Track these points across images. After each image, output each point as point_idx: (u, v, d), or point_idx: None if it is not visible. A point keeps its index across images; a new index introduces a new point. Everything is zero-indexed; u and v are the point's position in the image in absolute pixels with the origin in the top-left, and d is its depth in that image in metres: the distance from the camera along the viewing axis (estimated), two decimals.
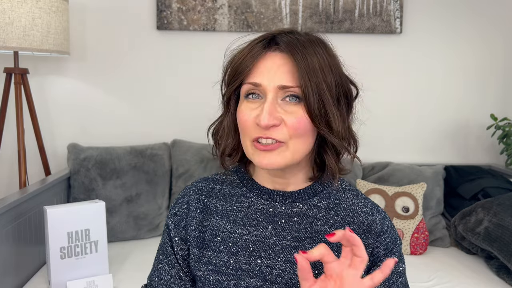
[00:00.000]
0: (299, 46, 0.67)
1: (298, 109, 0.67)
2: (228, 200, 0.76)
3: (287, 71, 0.67)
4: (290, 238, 0.72)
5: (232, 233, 0.73)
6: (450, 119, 2.35)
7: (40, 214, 1.66)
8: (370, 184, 1.99)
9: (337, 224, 0.73)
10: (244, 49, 0.71)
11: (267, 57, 0.68)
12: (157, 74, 2.25)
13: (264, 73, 0.67)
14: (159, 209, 2.03)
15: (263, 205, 0.74)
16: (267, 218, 0.73)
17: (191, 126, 2.25)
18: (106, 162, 1.97)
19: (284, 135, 0.67)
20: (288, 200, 0.74)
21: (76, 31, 2.18)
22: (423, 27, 2.29)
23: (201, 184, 0.79)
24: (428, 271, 1.71)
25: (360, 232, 0.73)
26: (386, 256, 0.73)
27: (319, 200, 0.75)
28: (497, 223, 1.72)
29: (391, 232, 0.75)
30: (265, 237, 0.72)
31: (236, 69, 0.70)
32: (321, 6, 2.21)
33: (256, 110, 0.68)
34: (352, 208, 0.75)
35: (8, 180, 2.22)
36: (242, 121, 0.69)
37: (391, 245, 0.73)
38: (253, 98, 0.69)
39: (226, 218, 0.75)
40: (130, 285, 1.55)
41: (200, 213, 0.76)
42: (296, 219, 0.73)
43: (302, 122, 0.67)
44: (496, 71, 2.34)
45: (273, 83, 0.66)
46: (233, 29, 2.20)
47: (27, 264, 1.58)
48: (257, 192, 0.75)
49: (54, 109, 2.22)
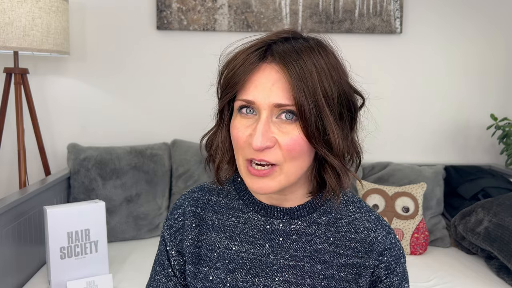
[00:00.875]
0: (295, 57, 0.61)
1: (293, 128, 0.62)
2: (225, 214, 0.73)
3: (282, 87, 0.61)
4: (288, 257, 0.69)
5: (229, 249, 0.71)
6: (450, 119, 2.35)
7: (40, 214, 1.66)
8: (370, 184, 1.99)
9: (337, 242, 0.70)
10: (237, 57, 0.64)
11: (262, 70, 0.62)
12: (157, 74, 2.25)
13: (259, 89, 0.62)
14: (159, 209, 2.03)
15: (259, 222, 0.71)
16: (264, 235, 0.70)
17: (191, 126, 2.24)
18: (106, 162, 1.97)
19: (277, 157, 0.62)
20: (286, 216, 0.70)
21: (76, 31, 2.18)
22: (423, 27, 2.29)
23: (197, 195, 0.76)
24: (428, 271, 1.71)
25: (362, 250, 0.69)
26: (387, 277, 0.69)
27: (319, 216, 0.71)
28: (497, 223, 1.72)
29: (395, 250, 0.71)
30: (262, 256, 0.70)
31: (228, 81, 0.64)
32: (321, 6, 2.21)
33: (250, 128, 0.63)
34: (354, 224, 0.71)
35: (8, 180, 2.22)
36: (235, 138, 0.64)
37: (393, 265, 0.70)
38: (247, 113, 0.64)
39: (223, 233, 0.72)
40: (130, 285, 1.55)
41: (196, 227, 0.73)
42: (295, 237, 0.70)
43: (297, 143, 0.62)
44: (496, 71, 2.34)
45: (267, 101, 0.61)
46: (233, 29, 2.20)
47: (27, 264, 1.58)
48: (254, 207, 0.72)
49: (54, 109, 2.22)
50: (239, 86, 0.63)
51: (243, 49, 0.65)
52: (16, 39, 1.73)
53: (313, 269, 0.69)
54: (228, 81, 0.64)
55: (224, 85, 0.65)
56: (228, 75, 0.64)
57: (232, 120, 0.66)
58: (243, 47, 0.65)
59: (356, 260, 0.69)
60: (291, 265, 0.69)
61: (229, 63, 0.65)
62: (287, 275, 0.69)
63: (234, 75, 0.63)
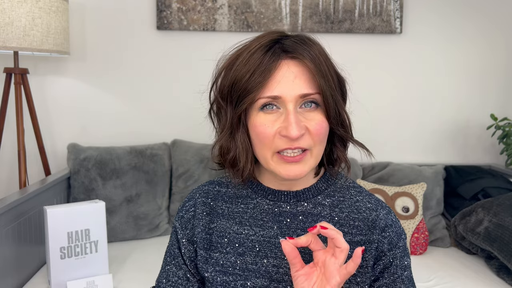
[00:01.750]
0: (308, 50, 0.67)
1: (316, 114, 0.68)
2: (234, 202, 0.77)
3: (305, 78, 0.67)
4: (296, 236, 0.72)
5: (239, 234, 0.74)
6: (450, 119, 2.35)
7: (40, 214, 1.66)
8: (370, 184, 1.99)
9: (342, 221, 0.74)
10: (247, 62, 0.67)
11: (281, 67, 0.67)
12: (157, 74, 2.25)
13: (281, 83, 0.66)
14: (159, 209, 2.03)
15: (268, 206, 0.75)
16: (272, 218, 0.74)
17: (191, 126, 2.24)
18: (106, 162, 1.97)
19: (309, 142, 0.67)
20: (293, 199, 0.74)
21: (76, 31, 2.18)
22: (423, 27, 2.29)
23: (207, 187, 0.80)
24: (428, 271, 1.71)
25: (365, 228, 0.73)
26: (390, 251, 0.73)
27: (324, 198, 0.75)
28: (497, 223, 1.72)
29: (396, 227, 0.75)
30: (271, 237, 0.73)
31: (245, 86, 0.67)
32: (321, 6, 2.21)
33: (277, 121, 0.67)
34: (356, 205, 0.75)
35: (8, 180, 2.22)
36: (263, 134, 0.67)
37: (395, 239, 0.74)
38: (270, 109, 0.68)
39: (232, 220, 0.75)
40: (130, 285, 1.55)
41: (207, 216, 0.77)
42: (301, 217, 0.74)
43: (323, 126, 0.68)
44: (497, 71, 2.34)
45: (293, 93, 0.66)
46: (233, 29, 2.20)
47: (27, 264, 1.58)
48: (262, 193, 0.76)
49: (54, 109, 2.22)
50: (261, 85, 0.66)
51: (246, 55, 0.68)
52: (16, 39, 1.73)
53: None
54: (244, 88, 0.67)
55: (239, 92, 0.68)
56: (243, 82, 0.67)
57: (252, 120, 0.69)
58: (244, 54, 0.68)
59: (360, 237, 0.73)
60: None
61: (237, 70, 0.68)
62: None
63: (250, 80, 0.66)
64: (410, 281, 0.75)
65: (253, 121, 0.69)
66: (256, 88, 0.66)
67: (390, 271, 0.73)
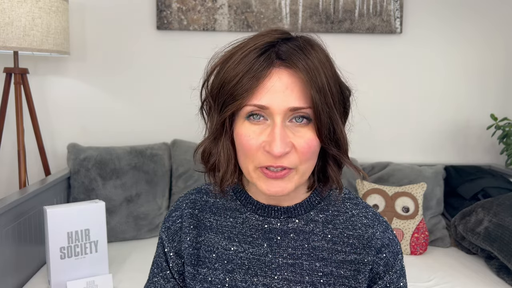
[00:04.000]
0: (304, 59, 0.60)
1: (306, 131, 0.62)
2: (222, 215, 0.73)
3: (297, 90, 0.60)
4: (287, 255, 0.69)
5: (227, 250, 0.71)
6: (450, 119, 2.35)
7: (40, 214, 1.66)
8: (370, 184, 1.99)
9: (335, 239, 0.70)
10: (238, 64, 0.61)
11: (273, 75, 0.60)
12: (157, 74, 2.25)
13: (272, 94, 0.60)
14: (159, 209, 2.03)
15: (257, 221, 0.71)
16: (262, 235, 0.70)
17: (191, 126, 2.23)
18: (106, 162, 1.97)
19: (294, 161, 0.62)
20: (284, 215, 0.70)
21: (76, 31, 2.18)
22: (423, 27, 2.29)
23: (194, 197, 0.76)
24: (428, 271, 1.71)
25: (360, 246, 0.70)
26: (386, 273, 0.70)
27: (316, 214, 0.71)
28: (497, 223, 1.72)
29: (392, 246, 0.71)
30: (261, 255, 0.70)
31: (232, 91, 0.61)
32: (321, 6, 2.21)
33: (262, 134, 0.62)
34: (351, 220, 0.71)
35: (8, 180, 2.22)
36: (246, 146, 0.62)
37: (392, 261, 0.71)
38: (256, 119, 0.62)
39: (221, 234, 0.72)
40: (130, 285, 1.55)
41: (194, 229, 0.73)
42: (293, 235, 0.70)
43: (312, 145, 0.62)
44: (496, 71, 2.34)
45: (282, 105, 0.60)
46: (233, 29, 2.20)
47: (27, 264, 1.58)
48: (251, 208, 0.72)
49: (54, 109, 2.22)
50: (248, 93, 0.60)
51: (238, 56, 0.62)
52: (16, 39, 1.73)
53: (311, 266, 0.69)
54: (231, 91, 0.61)
55: (226, 96, 0.62)
56: (231, 85, 0.61)
57: (237, 128, 0.64)
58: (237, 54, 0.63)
59: (354, 256, 0.69)
60: (290, 263, 0.69)
61: (227, 71, 0.62)
62: (286, 273, 0.69)
63: (239, 84, 0.61)
64: None
65: (238, 130, 0.63)
66: (243, 95, 0.60)
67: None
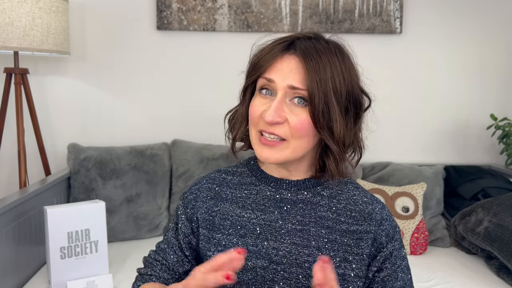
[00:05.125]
0: (314, 54, 0.72)
1: (303, 112, 0.72)
2: (238, 188, 0.82)
3: (298, 73, 0.72)
4: (295, 222, 0.77)
5: (241, 217, 0.79)
6: (450, 119, 2.35)
7: (40, 214, 1.66)
8: (370, 184, 1.99)
9: (339, 211, 0.79)
10: (266, 47, 0.77)
11: (284, 59, 0.74)
12: (157, 74, 2.25)
13: (278, 71, 0.73)
14: (159, 209, 2.03)
15: (270, 192, 0.80)
16: (274, 203, 0.79)
17: (191, 126, 2.25)
18: (106, 162, 1.97)
19: (286, 132, 0.73)
20: (294, 188, 0.80)
21: (76, 31, 2.18)
22: (423, 27, 2.29)
23: (214, 175, 0.86)
24: (428, 271, 1.71)
25: (361, 219, 0.78)
26: (389, 243, 0.78)
27: (322, 189, 0.80)
28: (497, 223, 1.72)
29: (391, 220, 0.80)
30: (272, 221, 0.78)
31: (255, 64, 0.77)
32: (321, 6, 2.21)
33: (265, 105, 0.74)
34: (353, 198, 0.80)
35: (8, 180, 2.22)
36: (252, 112, 0.76)
37: (392, 232, 0.79)
38: (266, 94, 0.75)
39: (236, 204, 0.80)
40: (130, 285, 1.55)
41: (211, 200, 0.82)
42: (301, 205, 0.78)
43: (304, 124, 0.72)
44: (497, 71, 2.34)
45: (284, 82, 0.72)
46: (233, 29, 2.20)
47: (27, 264, 1.58)
48: (265, 181, 0.81)
49: (54, 109, 2.22)
50: (263, 68, 0.75)
51: (272, 40, 0.78)
52: (16, 39, 1.73)
53: (318, 233, 0.77)
54: (254, 64, 0.77)
55: (251, 68, 0.78)
56: (255, 60, 0.77)
57: (252, 100, 0.78)
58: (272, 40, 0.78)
59: (356, 227, 0.78)
60: (298, 229, 0.77)
61: (258, 52, 0.78)
62: (294, 238, 0.76)
63: (260, 60, 0.76)
64: (408, 269, 0.81)
65: (252, 101, 0.77)
66: (260, 70, 0.75)
67: (391, 261, 0.78)
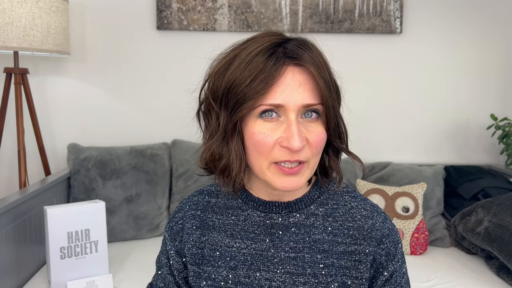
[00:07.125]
0: (311, 56, 0.64)
1: (317, 125, 0.65)
2: (224, 213, 0.75)
3: (309, 87, 0.63)
4: (288, 249, 0.71)
5: (230, 247, 0.73)
6: (450, 119, 2.35)
7: (40, 214, 1.66)
8: (370, 184, 1.99)
9: (335, 231, 0.72)
10: (247, 65, 0.63)
11: (285, 74, 0.63)
12: (157, 74, 2.25)
13: (286, 92, 0.62)
14: (159, 209, 2.03)
15: (259, 218, 0.73)
16: (264, 230, 0.72)
17: (191, 126, 2.24)
18: (106, 162, 1.97)
19: (308, 155, 0.65)
20: (285, 210, 0.72)
21: (76, 31, 2.18)
22: (423, 27, 2.29)
23: (197, 198, 0.79)
24: (428, 271, 1.71)
25: (360, 237, 0.71)
26: (390, 262, 0.72)
27: (316, 208, 0.73)
28: (497, 223, 1.72)
29: (392, 236, 0.73)
30: (263, 250, 0.72)
31: (245, 92, 0.62)
32: (321, 6, 2.21)
33: (277, 130, 0.63)
34: (351, 212, 0.73)
35: (8, 180, 2.22)
36: (262, 143, 0.63)
37: (393, 250, 0.72)
38: (269, 116, 0.64)
39: (224, 232, 0.74)
40: (130, 285, 1.55)
41: (197, 229, 0.76)
42: (294, 229, 0.72)
43: (322, 138, 0.66)
44: (496, 71, 2.34)
45: (297, 102, 0.62)
46: (233, 29, 2.20)
47: (27, 264, 1.58)
48: (253, 204, 0.74)
49: (54, 109, 2.22)
50: (263, 92, 0.62)
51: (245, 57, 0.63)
52: (16, 39, 1.73)
53: (313, 259, 0.70)
54: (246, 90, 0.62)
55: (241, 95, 0.63)
56: (243, 85, 0.62)
57: (248, 127, 0.65)
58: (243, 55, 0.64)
59: (355, 247, 0.71)
60: (292, 257, 0.71)
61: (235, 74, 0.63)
62: (288, 266, 0.70)
63: (251, 86, 0.62)
64: (407, 283, 0.76)
65: (251, 129, 0.64)
66: (258, 95, 0.62)
67: (392, 282, 0.73)
